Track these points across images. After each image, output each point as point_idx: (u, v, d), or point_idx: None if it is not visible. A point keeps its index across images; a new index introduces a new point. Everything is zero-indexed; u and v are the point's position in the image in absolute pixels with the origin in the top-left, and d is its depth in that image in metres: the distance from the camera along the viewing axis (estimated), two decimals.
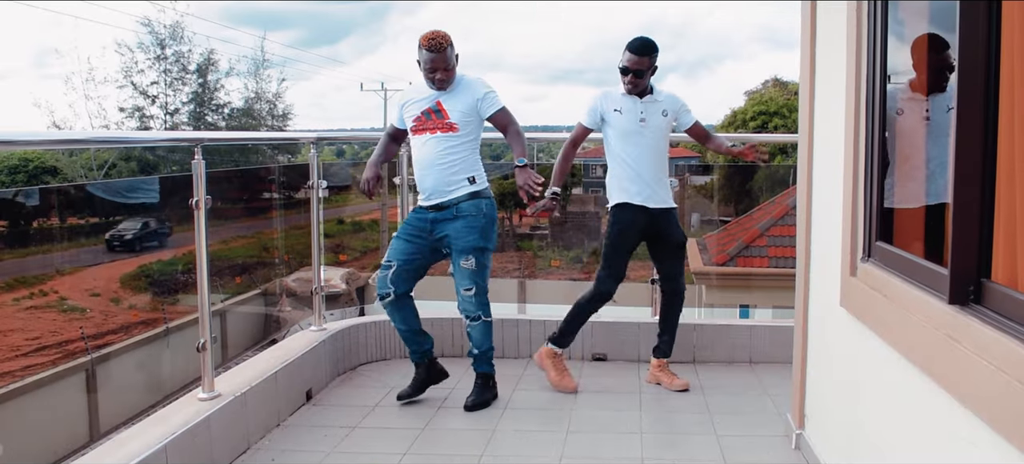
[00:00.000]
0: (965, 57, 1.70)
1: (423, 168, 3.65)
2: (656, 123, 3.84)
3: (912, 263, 2.07)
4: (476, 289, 3.66)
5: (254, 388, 3.28)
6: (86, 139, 9.20)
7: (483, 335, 3.74)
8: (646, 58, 3.75)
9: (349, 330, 4.31)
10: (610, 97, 3.85)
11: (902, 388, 2.08)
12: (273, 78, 26.78)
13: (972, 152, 1.69)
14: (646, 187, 3.82)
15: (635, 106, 3.82)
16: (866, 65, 2.41)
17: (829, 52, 2.83)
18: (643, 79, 3.79)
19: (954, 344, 1.71)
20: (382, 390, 3.96)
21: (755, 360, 4.36)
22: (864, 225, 2.43)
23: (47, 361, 9.04)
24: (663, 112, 3.86)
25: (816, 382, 3.00)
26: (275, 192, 10.77)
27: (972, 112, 1.68)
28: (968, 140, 1.70)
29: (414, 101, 3.70)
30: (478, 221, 3.62)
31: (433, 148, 3.61)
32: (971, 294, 1.73)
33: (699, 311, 10.86)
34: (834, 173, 2.67)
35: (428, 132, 3.63)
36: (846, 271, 2.52)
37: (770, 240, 11.14)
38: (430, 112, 3.64)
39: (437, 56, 3.55)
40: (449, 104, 3.62)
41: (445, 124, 3.61)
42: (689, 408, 3.69)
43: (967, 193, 1.71)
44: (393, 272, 3.68)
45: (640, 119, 3.81)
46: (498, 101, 3.65)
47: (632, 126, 3.81)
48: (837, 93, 2.64)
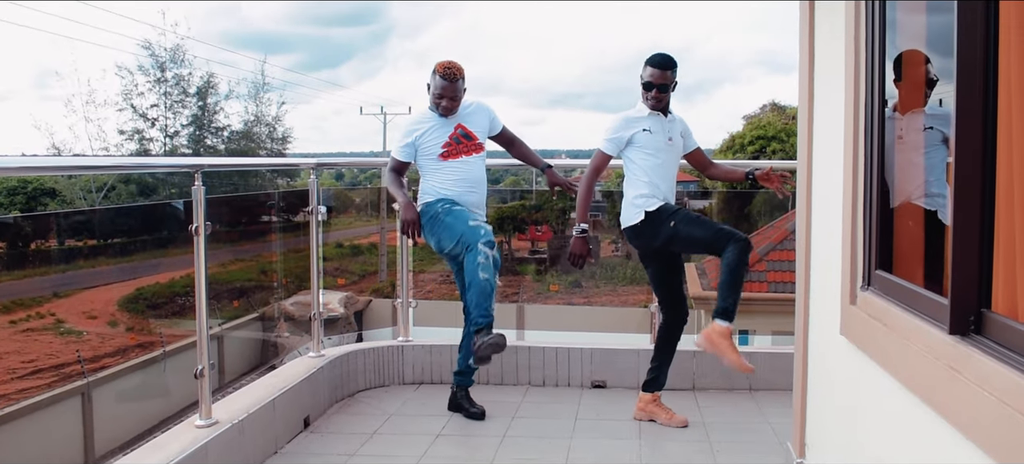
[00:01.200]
0: (963, 83, 1.70)
1: (475, 184, 3.86)
2: (677, 143, 3.78)
3: (912, 292, 2.06)
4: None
5: (252, 415, 3.27)
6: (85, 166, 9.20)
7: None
8: (669, 72, 3.67)
9: (347, 356, 4.29)
10: (633, 120, 3.71)
11: (903, 418, 2.07)
12: (273, 101, 26.89)
13: (971, 179, 1.69)
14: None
15: (662, 125, 3.72)
16: (864, 90, 2.41)
17: (827, 77, 2.84)
18: (667, 94, 3.70)
19: (955, 375, 1.71)
20: (380, 418, 3.94)
21: (755, 387, 4.34)
22: (863, 253, 2.43)
23: (43, 384, 8.99)
24: (681, 133, 3.82)
25: (817, 411, 2.98)
26: (274, 216, 10.78)
27: (971, 139, 1.68)
28: (967, 167, 1.70)
29: (429, 129, 3.84)
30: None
31: (479, 168, 3.89)
32: (972, 324, 1.72)
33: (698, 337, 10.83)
34: (833, 200, 2.67)
35: (464, 154, 3.84)
36: (846, 299, 2.51)
37: (769, 265, 11.13)
38: (460, 137, 3.85)
39: (449, 85, 3.77)
40: (473, 126, 3.89)
41: (477, 144, 3.89)
42: (689, 437, 3.67)
43: (967, 221, 1.71)
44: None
45: (668, 138, 3.72)
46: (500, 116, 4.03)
47: (662, 145, 3.70)
48: (836, 118, 2.65)
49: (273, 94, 33.43)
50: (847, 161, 2.54)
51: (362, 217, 14.72)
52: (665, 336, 3.89)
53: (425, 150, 3.84)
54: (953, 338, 1.75)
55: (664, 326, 3.89)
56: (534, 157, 4.06)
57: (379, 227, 12.75)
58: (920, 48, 2.41)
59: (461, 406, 3.95)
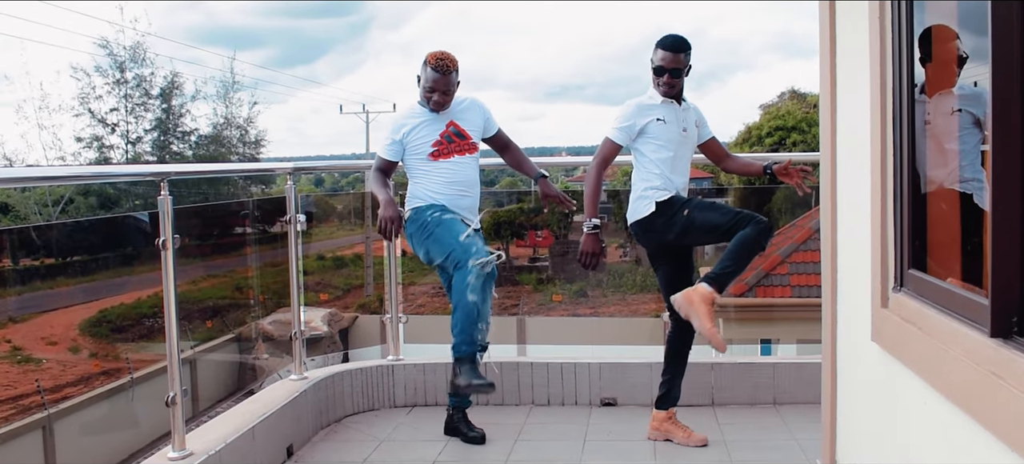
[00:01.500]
0: (999, 65, 1.71)
1: (467, 187, 3.88)
2: (692, 134, 3.77)
3: (949, 293, 2.07)
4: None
5: (229, 445, 3.27)
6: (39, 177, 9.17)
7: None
8: (682, 55, 3.65)
9: (333, 378, 4.29)
10: (646, 108, 3.68)
11: (941, 429, 2.08)
12: (244, 101, 26.86)
13: (1011, 167, 1.70)
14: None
15: (677, 115, 3.70)
16: (892, 73, 2.42)
17: (851, 60, 2.85)
18: (680, 79, 3.68)
19: (998, 381, 1.71)
20: (370, 444, 3.95)
21: (780, 401, 4.35)
22: (895, 252, 2.44)
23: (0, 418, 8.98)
24: (696, 123, 3.80)
25: (847, 424, 2.99)
26: (248, 227, 10.78)
27: (1009, 124, 1.69)
28: (1006, 154, 1.70)
29: (418, 126, 3.85)
30: None
31: (472, 169, 3.91)
32: (1015, 326, 1.73)
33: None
34: (860, 195, 2.68)
35: (457, 154, 3.86)
36: (877, 302, 2.52)
37: (792, 267, 11.15)
38: (452, 135, 3.87)
39: (441, 77, 3.79)
40: (466, 125, 3.91)
41: (470, 144, 3.91)
42: (709, 456, 3.68)
43: (1007, 213, 1.72)
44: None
45: (683, 129, 3.70)
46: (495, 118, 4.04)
47: (676, 136, 3.68)
48: (861, 105, 2.66)
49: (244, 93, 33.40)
50: (875, 151, 2.55)
51: (345, 226, 14.71)
52: (675, 345, 3.85)
53: (414, 149, 3.85)
54: (995, 341, 1.76)
55: (673, 334, 3.83)
56: (528, 165, 4.04)
57: (364, 236, 12.74)
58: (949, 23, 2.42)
59: (458, 430, 3.95)
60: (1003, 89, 1.70)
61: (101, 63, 24.55)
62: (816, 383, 3.32)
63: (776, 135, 25.44)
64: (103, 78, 24.59)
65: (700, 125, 3.86)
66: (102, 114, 24.77)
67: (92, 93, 24.57)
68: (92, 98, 24.61)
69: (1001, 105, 1.71)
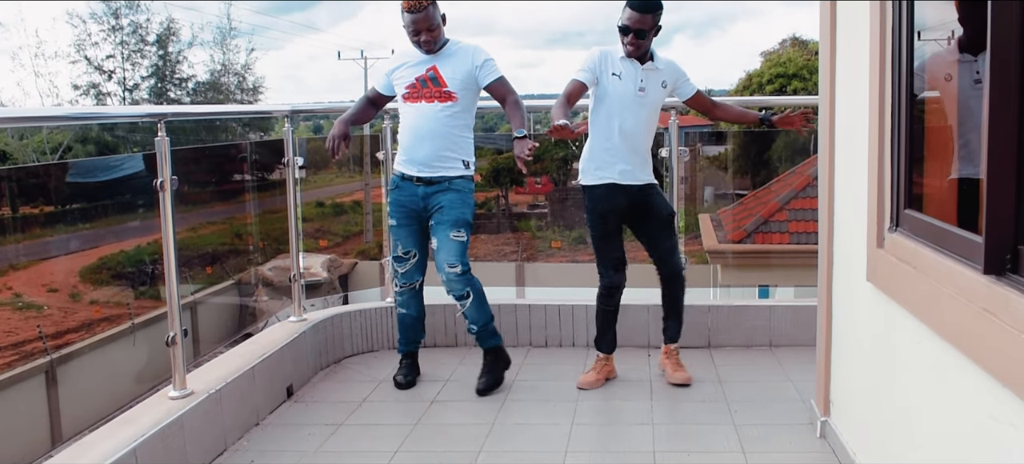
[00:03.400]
0: (998, 9, 1.70)
1: (418, 137, 3.72)
2: (655, 95, 3.75)
3: (944, 232, 2.08)
4: (462, 266, 3.76)
5: (230, 385, 3.30)
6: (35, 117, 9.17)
7: (478, 309, 3.82)
8: (649, 17, 3.63)
9: (332, 320, 4.33)
10: (609, 58, 3.71)
11: (935, 367, 2.10)
12: (241, 48, 26.78)
13: (1007, 109, 1.70)
14: (629, 164, 3.72)
15: (635, 72, 3.70)
16: (891, 16, 2.41)
17: (851, 3, 2.83)
18: (645, 40, 3.67)
19: (991, 318, 1.73)
20: (370, 384, 3.99)
21: (776, 343, 4.39)
22: (892, 192, 2.44)
23: (2, 364, 9.03)
24: (662, 83, 3.77)
25: (842, 365, 3.02)
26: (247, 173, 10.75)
27: (1006, 66, 1.69)
28: (1003, 96, 1.70)
29: (406, 66, 3.78)
30: (469, 198, 3.76)
31: (429, 117, 3.69)
32: (1008, 263, 1.75)
33: (714, 291, 10.88)
34: (858, 137, 2.68)
35: (423, 100, 3.70)
36: (873, 243, 2.54)
37: (791, 214, 11.15)
38: (426, 79, 3.71)
39: (419, 17, 3.62)
40: (446, 71, 3.70)
41: (442, 92, 3.69)
42: (704, 397, 3.72)
43: (1002, 154, 1.72)
44: (416, 261, 3.87)
45: (640, 88, 3.70)
46: (497, 69, 3.74)
47: (630, 95, 3.70)
48: (861, 49, 2.65)
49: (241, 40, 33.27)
50: (873, 93, 2.54)
51: (344, 173, 14.67)
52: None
53: (397, 89, 3.80)
54: (987, 278, 1.77)
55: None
56: (514, 120, 3.76)
57: (363, 183, 12.72)
58: None
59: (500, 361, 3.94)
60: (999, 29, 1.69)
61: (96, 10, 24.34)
62: (812, 326, 3.35)
63: (777, 82, 25.30)
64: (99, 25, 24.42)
65: (677, 85, 3.85)
66: (98, 61, 24.65)
67: (88, 40, 24.41)
68: (88, 45, 24.46)
69: (997, 46, 1.70)
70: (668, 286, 3.91)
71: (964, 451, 1.93)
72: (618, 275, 3.83)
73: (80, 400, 8.37)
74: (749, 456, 3.07)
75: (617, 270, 3.83)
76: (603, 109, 3.73)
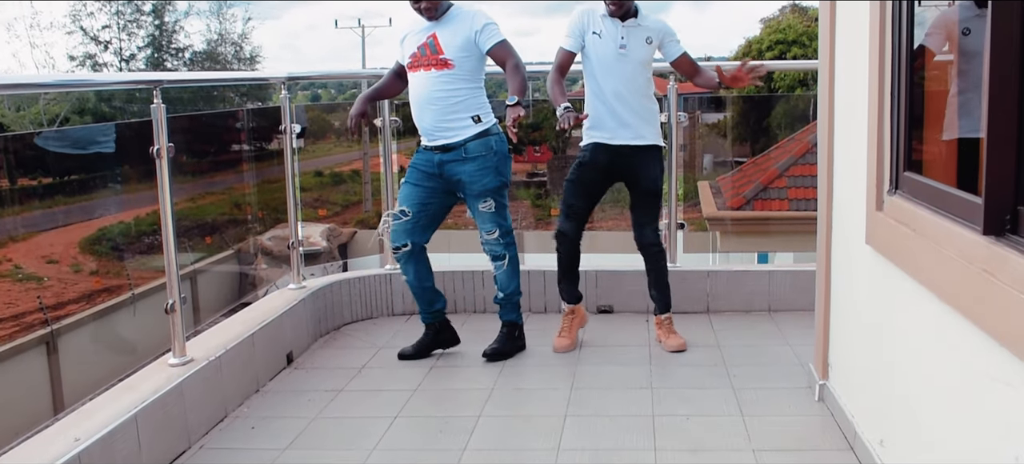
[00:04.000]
0: None
1: (419, 106, 3.69)
2: (638, 51, 3.72)
3: (943, 193, 2.07)
4: (500, 231, 3.74)
5: (229, 352, 3.31)
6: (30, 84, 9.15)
7: (509, 277, 3.82)
8: None
9: (331, 287, 4.32)
10: (591, 17, 3.71)
11: (933, 329, 2.10)
12: (238, 17, 26.62)
13: (1008, 70, 1.69)
14: (613, 122, 3.73)
15: (616, 30, 3.69)
16: None
17: None
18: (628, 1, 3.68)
19: (989, 279, 1.73)
20: (369, 351, 3.99)
21: (774, 308, 4.39)
22: (891, 155, 2.43)
23: (3, 335, 9.07)
24: (647, 39, 3.73)
25: (840, 328, 3.03)
26: (245, 142, 10.72)
27: (1007, 25, 1.67)
28: (1004, 56, 1.69)
29: (412, 34, 3.74)
30: (490, 160, 3.67)
31: (427, 85, 3.65)
32: (1008, 224, 1.74)
33: (713, 257, 10.89)
34: (858, 99, 2.66)
35: (422, 68, 3.66)
36: (872, 205, 2.53)
37: (790, 181, 11.13)
38: (425, 47, 3.67)
39: None
40: (444, 38, 3.64)
41: (439, 60, 3.63)
42: (703, 361, 3.73)
43: (1003, 114, 1.71)
44: (409, 221, 3.76)
45: (620, 45, 3.70)
46: (497, 33, 3.66)
47: (611, 54, 3.69)
48: (861, 10, 2.63)
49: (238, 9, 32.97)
50: (873, 55, 2.52)
51: (342, 143, 14.63)
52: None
53: (404, 58, 3.78)
54: (987, 239, 1.76)
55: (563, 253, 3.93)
56: (511, 86, 3.68)
57: (362, 152, 12.68)
58: None
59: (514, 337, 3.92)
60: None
61: None
62: (811, 290, 3.35)
63: (776, 49, 25.12)
64: None
65: (663, 44, 3.80)
66: (94, 31, 24.51)
67: (84, 10, 24.24)
68: (84, 15, 24.30)
69: (998, 11, 1.68)
70: (644, 256, 3.91)
71: (963, 412, 1.94)
72: (567, 222, 3.84)
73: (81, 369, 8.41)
74: (748, 419, 3.08)
75: (567, 218, 3.84)
76: (589, 70, 3.76)
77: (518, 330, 3.92)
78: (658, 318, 3.95)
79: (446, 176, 3.70)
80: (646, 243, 3.87)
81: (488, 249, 3.79)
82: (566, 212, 3.85)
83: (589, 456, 2.85)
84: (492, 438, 3.04)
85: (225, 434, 3.13)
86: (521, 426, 3.16)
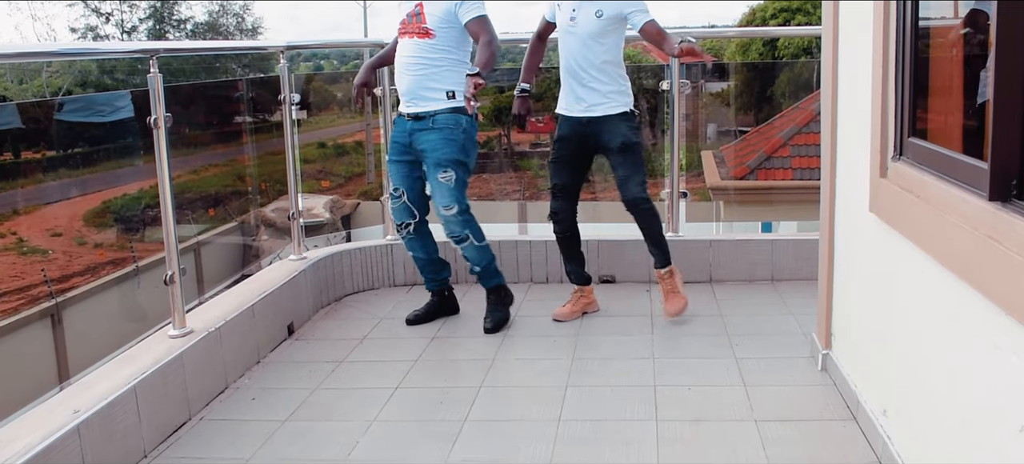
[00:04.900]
0: None
1: (400, 71, 3.75)
2: (587, 25, 3.68)
3: (948, 159, 2.04)
4: (458, 207, 3.71)
5: (229, 323, 3.29)
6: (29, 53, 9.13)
7: (477, 251, 3.82)
8: None
9: (332, 258, 4.31)
10: None
11: (937, 297, 2.08)
12: None
13: (1015, 35, 1.65)
14: (570, 94, 3.77)
15: (570, 3, 3.73)
16: None
17: None
18: None
19: (995, 245, 1.70)
20: (370, 321, 3.98)
21: (777, 277, 4.37)
22: (895, 121, 2.39)
23: (8, 308, 9.09)
24: (597, 13, 3.67)
25: (844, 297, 3.00)
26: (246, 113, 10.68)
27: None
28: (1011, 21, 1.65)
29: (405, 1, 3.79)
30: (456, 134, 3.68)
31: (409, 51, 3.71)
32: (1014, 189, 1.71)
33: (716, 227, 10.84)
34: (862, 64, 2.62)
35: (408, 35, 3.72)
36: (876, 172, 2.49)
37: (794, 150, 11.06)
38: (413, 14, 3.72)
39: None
40: (429, 8, 3.69)
41: (421, 29, 3.69)
42: (705, 330, 3.71)
43: (1008, 79, 1.67)
44: (407, 199, 3.81)
45: (570, 18, 3.72)
46: (476, 8, 3.65)
47: (564, 25, 3.75)
48: None
49: None
50: (877, 20, 2.48)
51: (345, 114, 14.57)
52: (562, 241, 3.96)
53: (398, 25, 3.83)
54: (993, 205, 1.73)
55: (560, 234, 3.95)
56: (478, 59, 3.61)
57: (364, 124, 12.62)
58: None
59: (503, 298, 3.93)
60: None
61: None
62: (814, 259, 3.33)
63: (781, 17, 24.94)
64: None
65: (629, 15, 3.69)
66: (96, 3, 24.37)
67: None
68: None
69: None
70: (632, 214, 3.82)
71: (967, 380, 1.92)
72: (555, 202, 3.86)
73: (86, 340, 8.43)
74: (750, 389, 3.07)
75: (555, 197, 3.86)
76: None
77: (503, 290, 3.92)
78: (659, 272, 3.89)
79: (415, 147, 3.73)
80: (631, 199, 3.75)
81: (448, 230, 3.76)
82: (554, 192, 3.88)
83: (590, 426, 2.84)
84: (493, 409, 3.03)
85: (226, 405, 3.13)
86: (522, 396, 3.15)
